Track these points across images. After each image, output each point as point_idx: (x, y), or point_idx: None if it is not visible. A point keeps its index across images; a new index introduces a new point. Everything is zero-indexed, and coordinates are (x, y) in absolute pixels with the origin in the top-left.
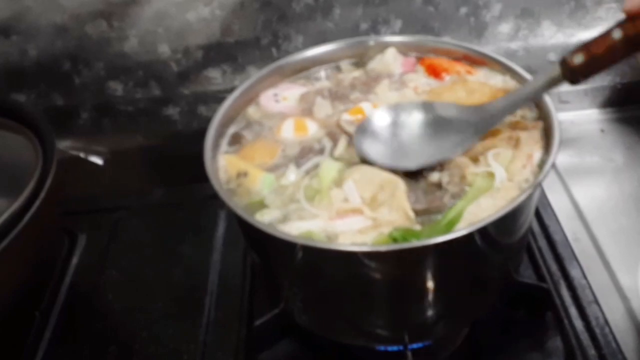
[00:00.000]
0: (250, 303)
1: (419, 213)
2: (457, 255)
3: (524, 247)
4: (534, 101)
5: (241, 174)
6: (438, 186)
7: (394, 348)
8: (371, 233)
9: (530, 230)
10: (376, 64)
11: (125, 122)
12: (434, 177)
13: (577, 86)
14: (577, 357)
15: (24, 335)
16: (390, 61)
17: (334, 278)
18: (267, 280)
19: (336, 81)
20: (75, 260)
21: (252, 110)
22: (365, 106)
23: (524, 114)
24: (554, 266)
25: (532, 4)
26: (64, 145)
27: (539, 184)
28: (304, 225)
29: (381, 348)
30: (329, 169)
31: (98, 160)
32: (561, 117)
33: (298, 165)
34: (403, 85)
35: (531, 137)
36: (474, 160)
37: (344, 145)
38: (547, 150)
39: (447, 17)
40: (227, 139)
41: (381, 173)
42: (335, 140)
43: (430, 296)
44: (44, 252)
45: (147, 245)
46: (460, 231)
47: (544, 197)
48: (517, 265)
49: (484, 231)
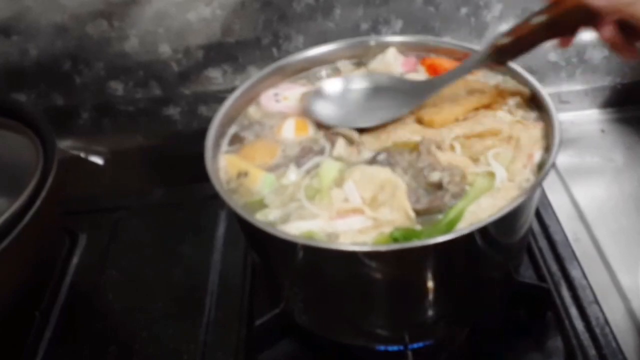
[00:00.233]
0: (251, 303)
1: (419, 213)
2: (458, 255)
3: (525, 247)
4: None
5: (242, 174)
6: (438, 186)
7: (395, 348)
8: (372, 233)
9: (530, 230)
10: (377, 64)
11: (126, 122)
12: (435, 177)
13: (578, 86)
14: (578, 357)
15: (24, 335)
16: (391, 61)
17: (335, 278)
18: (268, 280)
19: None
20: (75, 260)
21: (253, 110)
22: None
23: (525, 114)
24: (554, 266)
25: (533, 4)
26: (65, 145)
27: (539, 184)
28: (304, 225)
29: (381, 348)
30: (330, 169)
31: (98, 160)
32: (561, 117)
33: (299, 165)
34: None
35: (531, 137)
36: (475, 160)
37: (342, 145)
38: (548, 151)
39: (448, 17)
40: (228, 139)
41: (381, 173)
42: (332, 141)
43: (431, 296)
44: (44, 252)
45: (147, 245)
46: (461, 231)
47: (544, 197)
48: (518, 265)
49: (484, 231)
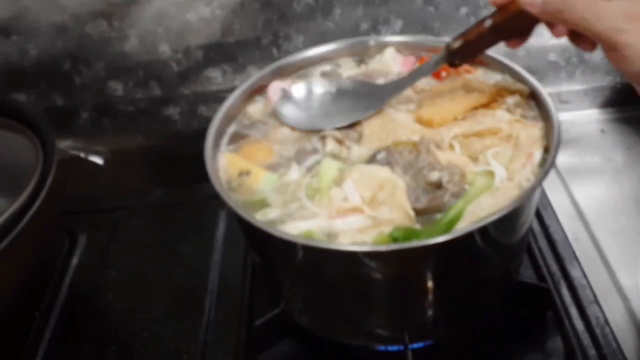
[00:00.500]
0: (250, 303)
1: (419, 212)
2: (458, 255)
3: (525, 247)
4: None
5: (243, 173)
6: (438, 185)
7: (395, 348)
8: (371, 232)
9: (530, 230)
10: (375, 64)
11: (126, 122)
12: (434, 176)
13: (578, 86)
14: (578, 357)
15: (24, 335)
16: (389, 61)
17: (335, 278)
18: (268, 280)
19: None
20: (75, 260)
21: (253, 110)
22: None
23: (524, 113)
24: (554, 266)
25: None
26: (64, 145)
27: (539, 184)
28: (304, 224)
29: (381, 348)
30: (329, 168)
31: (98, 160)
32: (561, 117)
33: (299, 162)
34: None
35: (531, 136)
36: (474, 159)
37: (332, 143)
38: (547, 150)
39: (448, 17)
40: (228, 139)
41: (380, 172)
42: (323, 140)
43: (431, 296)
44: (44, 252)
45: (147, 245)
46: (461, 231)
47: (544, 197)
48: (518, 265)
49: (484, 231)
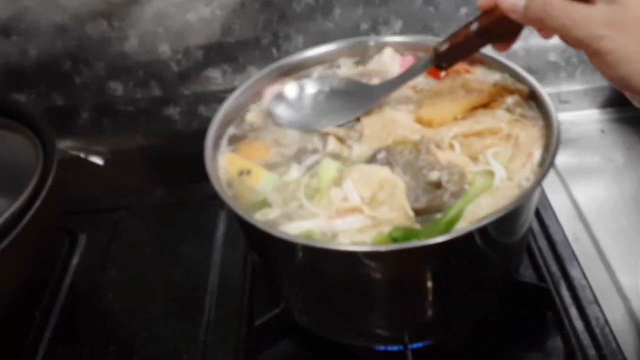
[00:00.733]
0: (250, 303)
1: (418, 212)
2: (457, 255)
3: (524, 247)
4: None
5: (244, 172)
6: (438, 185)
7: (394, 348)
8: (371, 232)
9: (530, 230)
10: (374, 64)
11: (126, 122)
12: (434, 176)
13: (578, 86)
14: (577, 357)
15: (24, 335)
16: (388, 61)
17: (334, 278)
18: (268, 280)
19: None
20: (75, 260)
21: (253, 109)
22: None
23: (524, 112)
24: (554, 266)
25: None
26: (64, 145)
27: (539, 184)
28: (303, 224)
29: (381, 348)
30: (328, 168)
31: (98, 160)
32: (561, 117)
33: (299, 161)
34: None
35: (530, 136)
36: (474, 159)
37: (333, 142)
38: (547, 150)
39: (448, 18)
40: (227, 139)
41: (380, 172)
42: (324, 140)
43: (430, 296)
44: (44, 252)
45: (147, 245)
46: (460, 231)
47: (544, 197)
48: (517, 265)
49: (484, 231)
